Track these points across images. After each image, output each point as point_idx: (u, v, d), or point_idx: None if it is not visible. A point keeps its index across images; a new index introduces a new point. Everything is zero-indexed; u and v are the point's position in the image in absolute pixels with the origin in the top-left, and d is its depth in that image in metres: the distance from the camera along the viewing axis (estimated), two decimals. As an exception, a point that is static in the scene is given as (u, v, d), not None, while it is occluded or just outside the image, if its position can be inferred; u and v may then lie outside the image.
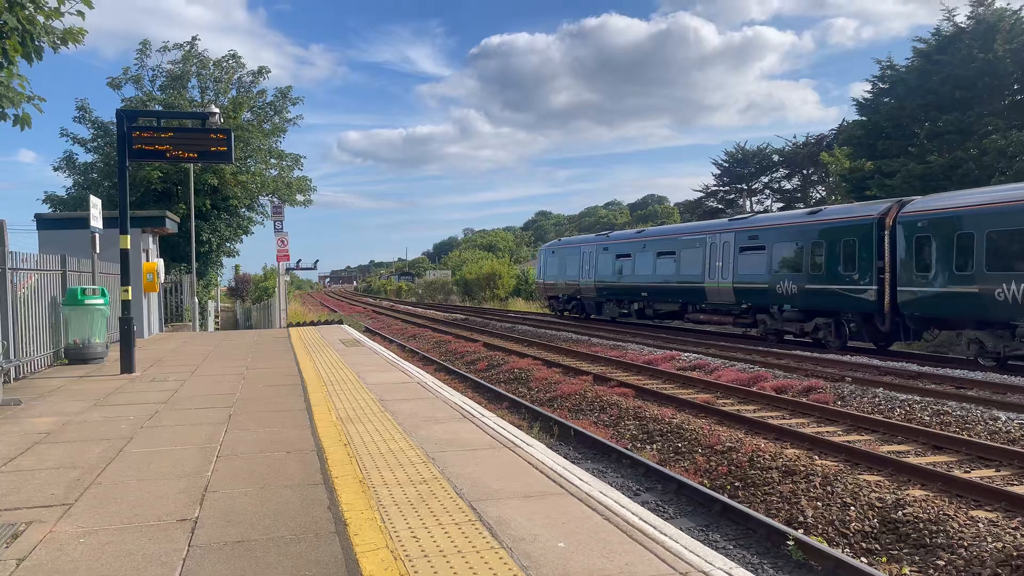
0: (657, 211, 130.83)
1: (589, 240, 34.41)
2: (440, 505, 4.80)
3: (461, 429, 7.17)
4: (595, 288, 32.19)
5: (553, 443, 10.84)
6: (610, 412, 12.78)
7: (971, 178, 33.44)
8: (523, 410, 13.30)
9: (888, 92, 39.26)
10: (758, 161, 68.16)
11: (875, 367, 16.52)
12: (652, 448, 10.61)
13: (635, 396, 13.93)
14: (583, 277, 33.08)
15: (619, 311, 31.16)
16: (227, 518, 4.63)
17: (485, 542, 4.15)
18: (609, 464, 9.87)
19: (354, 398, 8.99)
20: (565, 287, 34.98)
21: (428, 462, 5.88)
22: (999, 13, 35.59)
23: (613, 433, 11.67)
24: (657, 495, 8.46)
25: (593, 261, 32.30)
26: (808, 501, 7.61)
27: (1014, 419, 10.68)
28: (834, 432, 10.94)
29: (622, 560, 3.87)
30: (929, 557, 6.25)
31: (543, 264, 38.04)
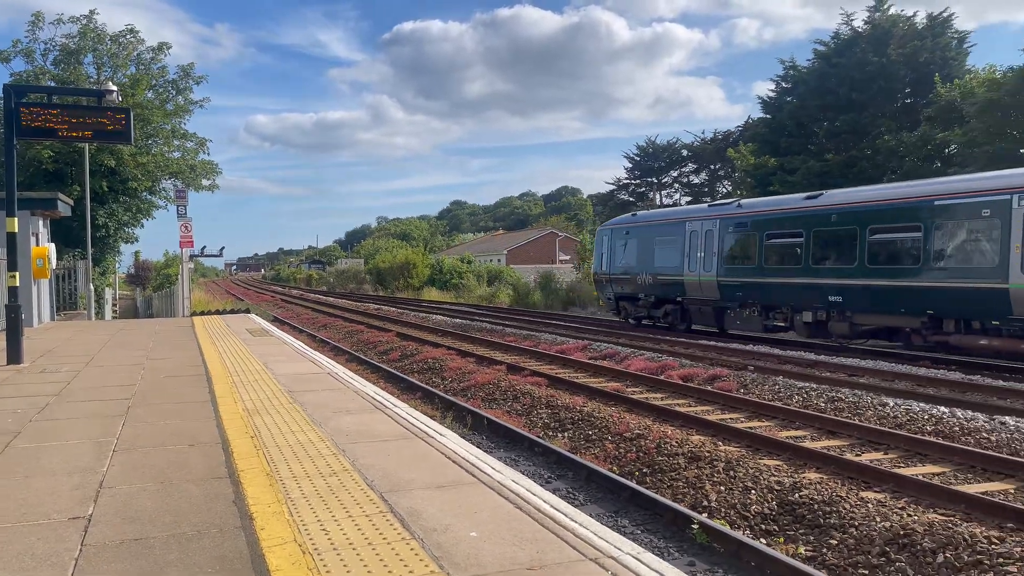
0: (571, 203, 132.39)
1: (699, 213, 23.11)
2: (351, 497, 4.73)
3: (373, 420, 7.07)
4: (718, 285, 21.27)
5: (466, 432, 10.84)
6: (523, 401, 12.88)
7: (865, 176, 35.17)
8: (436, 400, 13.25)
9: (790, 92, 40.87)
10: (668, 156, 69.72)
11: (776, 356, 17.21)
12: (564, 436, 10.75)
13: (548, 385, 14.07)
14: (691, 269, 22.23)
15: (768, 322, 20.08)
16: (124, 515, 4.43)
17: (396, 533, 4.10)
18: (522, 452, 9.95)
19: (261, 389, 8.75)
20: (649, 283, 24.19)
21: (338, 454, 5.78)
22: (893, 19, 37.49)
23: (526, 422, 11.76)
24: (568, 482, 8.58)
25: (713, 243, 21.51)
26: (712, 486, 7.86)
27: (901, 405, 11.32)
28: (737, 419, 11.34)
29: (533, 548, 3.90)
30: (823, 537, 6.56)
31: (607, 250, 26.83)
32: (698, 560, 6.28)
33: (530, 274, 53.05)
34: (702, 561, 6.26)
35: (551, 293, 44.32)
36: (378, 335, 24.55)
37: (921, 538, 5.99)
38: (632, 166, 71.89)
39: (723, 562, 6.20)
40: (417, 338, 22.80)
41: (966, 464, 8.60)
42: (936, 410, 10.87)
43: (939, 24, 36.99)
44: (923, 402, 11.60)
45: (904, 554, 5.91)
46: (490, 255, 78.75)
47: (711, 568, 6.12)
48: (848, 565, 6.03)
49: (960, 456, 8.78)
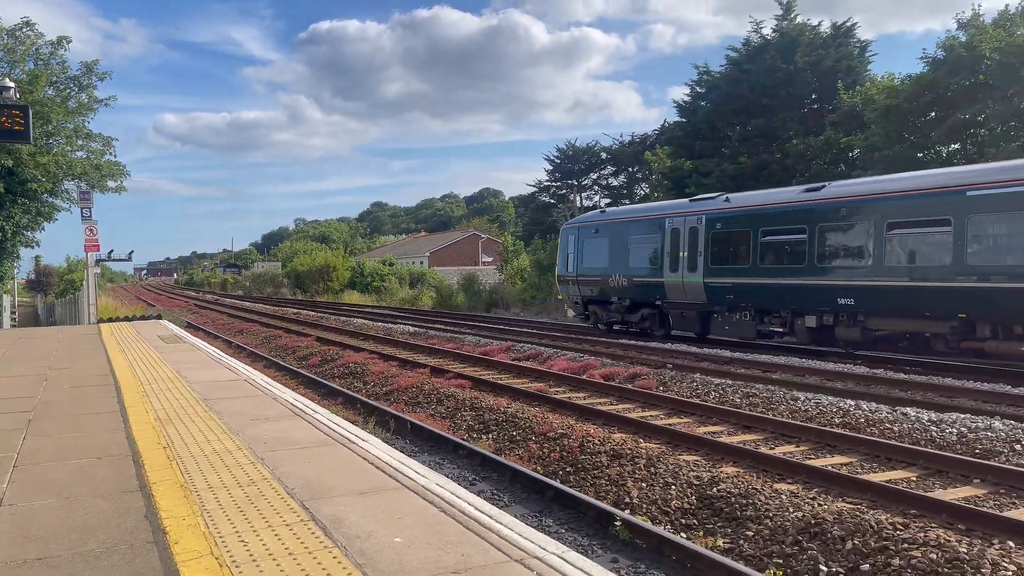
0: (493, 205, 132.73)
1: (680, 209, 21.07)
2: (270, 507, 4.60)
3: (292, 427, 6.92)
4: (705, 288, 19.42)
5: (389, 437, 10.72)
6: (447, 404, 12.82)
7: (775, 179, 36.47)
8: (358, 405, 13.06)
9: (704, 97, 42.06)
10: (587, 158, 70.65)
11: (693, 354, 17.65)
12: (488, 438, 10.76)
13: (472, 387, 14.06)
14: (672, 270, 20.35)
15: (762, 327, 18.31)
16: (25, 533, 4.19)
17: (318, 542, 4.02)
18: (446, 455, 9.90)
19: (175, 398, 8.44)
20: (623, 286, 22.19)
21: (257, 462, 5.62)
22: (800, 28, 39.01)
23: (450, 424, 11.72)
24: (493, 484, 8.58)
25: (699, 242, 19.69)
26: (634, 482, 8.00)
27: (811, 399, 11.77)
28: (657, 416, 11.58)
29: (458, 551, 3.88)
30: (740, 529, 6.76)
31: (574, 250, 24.61)
32: (621, 557, 6.38)
33: (453, 276, 52.95)
34: (625, 558, 6.36)
35: (474, 295, 44.34)
36: (297, 340, 24.04)
37: (831, 526, 6.24)
38: (553, 168, 72.55)
39: (645, 557, 6.31)
40: (338, 342, 22.43)
41: (871, 454, 9.00)
42: (843, 403, 11.34)
43: (842, 33, 38.70)
44: (831, 396, 12.09)
45: (815, 542, 6.14)
46: (412, 257, 78.21)
47: (633, 564, 6.22)
48: (763, 555, 6.23)
49: (866, 447, 9.19)
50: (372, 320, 32.60)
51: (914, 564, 5.49)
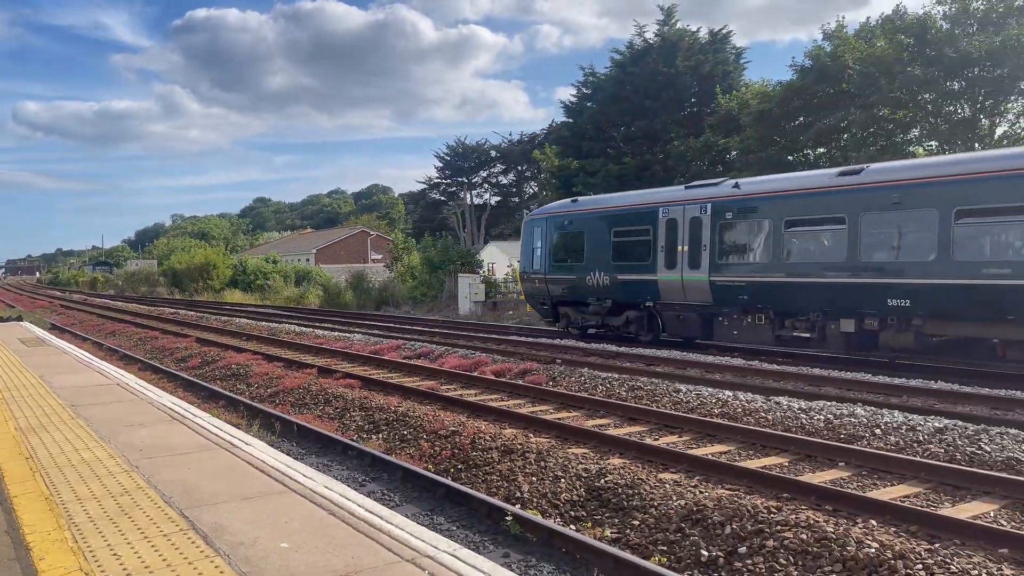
0: (383, 201, 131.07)
1: (678, 196, 18.42)
2: (146, 517, 4.38)
3: (170, 432, 6.60)
4: (711, 287, 16.97)
5: (275, 440, 10.40)
6: (335, 404, 12.57)
7: (658, 178, 37.71)
8: (242, 408, 12.61)
9: (590, 98, 43.01)
10: (477, 156, 70.82)
11: (581, 349, 18.02)
12: (378, 437, 10.62)
13: (361, 387, 13.84)
14: (668, 266, 17.99)
15: (783, 331, 15.91)
16: None
17: (199, 551, 3.85)
18: (335, 457, 9.70)
19: (39, 405, 7.89)
20: (605, 285, 19.79)
21: (131, 471, 5.33)
22: (680, 33, 40.47)
23: (339, 425, 11.49)
24: (384, 484, 8.48)
25: (703, 234, 17.23)
26: (525, 477, 8.09)
27: (692, 391, 12.25)
28: (547, 410, 11.75)
29: (348, 554, 3.81)
30: (627, 519, 6.95)
31: (542, 244, 22.10)
32: (512, 551, 6.44)
33: (341, 274, 51.95)
34: (516, 552, 6.42)
35: (363, 293, 43.66)
36: (175, 341, 22.96)
37: (712, 512, 6.51)
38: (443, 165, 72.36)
39: (536, 551, 6.40)
40: (219, 343, 21.57)
41: (748, 442, 9.46)
42: (722, 394, 11.86)
43: (719, 40, 40.44)
44: (711, 387, 12.62)
45: (697, 528, 6.40)
46: (298, 254, 76.17)
47: (524, 558, 6.29)
48: (649, 543, 6.43)
49: (743, 435, 9.65)
50: (256, 320, 31.54)
51: (787, 545, 5.80)
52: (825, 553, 5.59)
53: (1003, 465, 8.01)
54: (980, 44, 25.30)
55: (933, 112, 28.49)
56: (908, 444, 8.94)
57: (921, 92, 27.59)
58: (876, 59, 27.20)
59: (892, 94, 27.36)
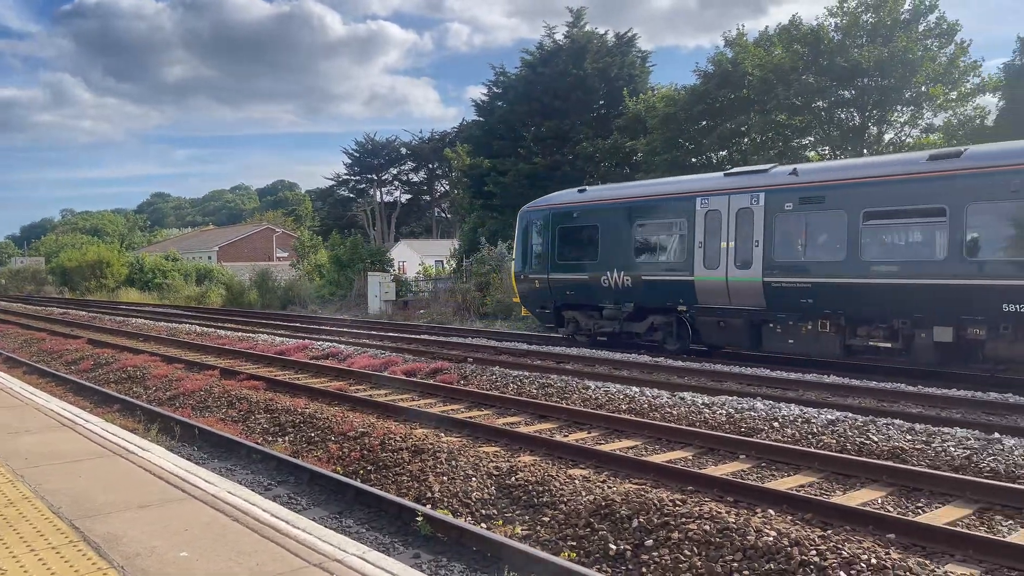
0: (289, 198, 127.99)
1: (722, 185, 15.97)
2: (33, 529, 4.12)
3: (60, 439, 6.25)
4: (764, 288, 14.79)
5: (175, 445, 10.00)
6: (239, 407, 12.19)
7: (568, 179, 38.19)
8: (139, 412, 12.06)
9: (501, 97, 43.19)
10: (387, 153, 70.06)
11: (492, 348, 18.07)
12: (285, 440, 10.36)
13: (266, 388, 13.47)
14: (709, 265, 15.73)
15: (855, 340, 13.91)
16: None
17: (91, 564, 3.66)
18: (239, 461, 9.40)
19: (-90, 413, 7.33)
20: (625, 287, 17.35)
21: (16, 481, 5.02)
22: (588, 35, 41.12)
23: (243, 428, 11.14)
24: (290, 488, 8.28)
25: (754, 228, 15.01)
26: (435, 477, 8.04)
27: (601, 387, 12.47)
28: (459, 409, 11.73)
29: (252, 561, 3.69)
30: (537, 515, 7.01)
31: (542, 241, 19.57)
32: (423, 552, 6.39)
33: (245, 272, 50.43)
34: (427, 552, 6.38)
35: (269, 292, 42.55)
36: (65, 343, 21.77)
37: (619, 507, 6.64)
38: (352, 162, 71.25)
39: (447, 550, 6.37)
40: (114, 344, 20.58)
41: (655, 437, 9.69)
42: (629, 390, 12.12)
43: (625, 43, 41.29)
44: (619, 384, 12.88)
45: (606, 523, 6.51)
46: (199, 252, 73.51)
47: (435, 558, 6.25)
48: (559, 539, 6.50)
49: (650, 430, 9.88)
50: (154, 320, 30.26)
51: (691, 536, 5.98)
52: (727, 543, 5.78)
53: (889, 454, 8.48)
54: (869, 55, 26.73)
55: (826, 119, 29.92)
56: (804, 436, 9.35)
57: (815, 99, 28.94)
58: (774, 67, 28.35)
59: (788, 100, 28.59)
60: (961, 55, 27.92)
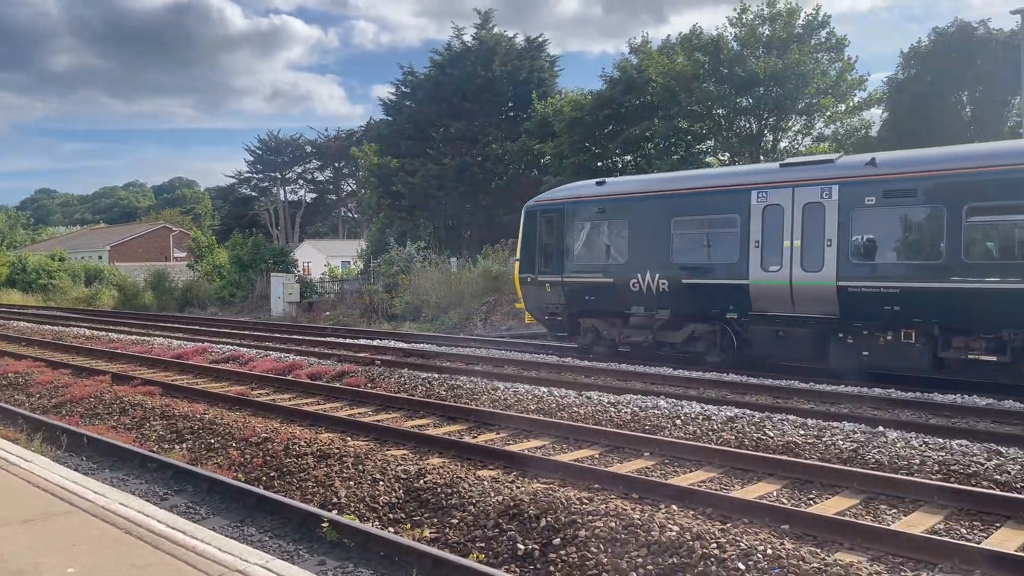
0: (187, 196, 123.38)
1: (783, 175, 14.29)
2: (-103, 550, 3.81)
3: (-70, 451, 5.81)
4: (839, 293, 13.14)
5: (61, 455, 9.46)
6: (133, 414, 11.64)
7: (476, 180, 38.30)
8: (20, 420, 11.35)
9: (409, 97, 42.90)
10: (292, 151, 68.52)
11: (401, 350, 17.90)
12: (182, 447, 9.95)
13: (162, 394, 12.91)
14: (768, 266, 13.93)
15: (949, 352, 12.36)
16: None
17: (-34, 586, 3.41)
18: (132, 471, 8.98)
19: None
20: (661, 291, 15.35)
21: None
22: (497, 38, 41.33)
23: (137, 436, 10.64)
24: (188, 497, 7.96)
25: (826, 224, 13.31)
26: (342, 482, 7.89)
27: (510, 388, 12.52)
28: (366, 412, 11.56)
29: (146, 574, 3.52)
30: (446, 518, 6.97)
31: (558, 240, 17.21)
32: (328, 558, 6.26)
33: (139, 273, 48.32)
34: (332, 559, 6.25)
35: (165, 294, 40.92)
36: (-62, 348, 20.28)
37: (528, 506, 6.68)
38: (254, 159, 69.32)
39: (353, 556, 6.26)
40: (-6, 349, 19.31)
41: (563, 436, 9.80)
42: (538, 390, 12.22)
43: (535, 47, 41.72)
44: (528, 384, 12.97)
45: (514, 523, 6.54)
46: (89, 251, 69.88)
47: (341, 564, 6.13)
48: (468, 541, 6.49)
49: (557, 430, 9.99)
50: (38, 323, 28.57)
51: (597, 533, 6.07)
52: (632, 539, 5.90)
53: (783, 448, 8.85)
54: (765, 66, 27.89)
55: (725, 126, 31.05)
56: (704, 432, 9.66)
57: (715, 107, 29.99)
58: (676, 74, 29.22)
59: (690, 107, 29.51)
60: (849, 69, 29.54)
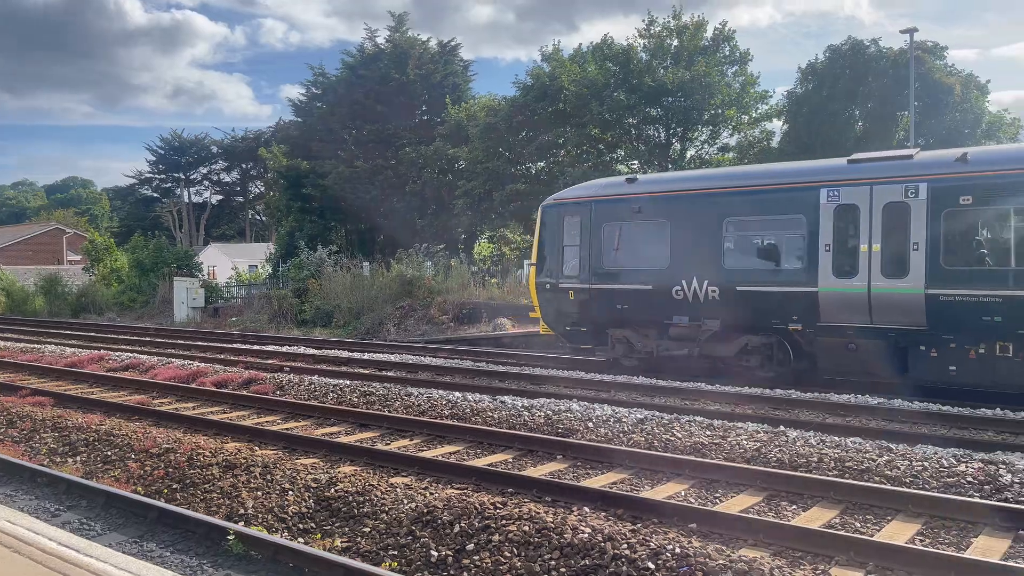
0: (82, 196, 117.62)
1: (855, 172, 13.00)
2: None
3: None
4: (927, 303, 12.01)
5: (-61, 471, 8.83)
6: (21, 426, 10.97)
7: (389, 183, 37.90)
8: None
9: (320, 98, 42.16)
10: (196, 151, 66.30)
11: (311, 356, 17.52)
12: (76, 460, 9.44)
13: (55, 404, 12.24)
14: (840, 273, 12.82)
15: None
16: None
17: None
18: (20, 486, 8.46)
19: None
20: (710, 300, 13.98)
21: None
22: (411, 41, 41.09)
23: (25, 449, 10.04)
24: (82, 512, 7.55)
25: (911, 226, 12.21)
26: (249, 492, 7.66)
27: (424, 394, 12.43)
28: (274, 421, 11.25)
29: (36, 597, 3.32)
30: (358, 526, 6.85)
31: (582, 242, 15.69)
32: (234, 572, 6.06)
33: (29, 277, 45.72)
34: (239, 572, 6.05)
35: (57, 299, 38.83)
36: None
37: (441, 512, 6.64)
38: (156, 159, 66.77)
39: (261, 569, 6.08)
40: None
41: (476, 441, 9.79)
42: (452, 395, 12.18)
43: (448, 51, 41.68)
44: (442, 389, 12.91)
45: (428, 530, 6.48)
46: (-27, 254, 65.60)
47: (249, 578, 5.95)
48: (380, 549, 6.39)
49: (472, 435, 9.97)
50: (-85, 330, 26.64)
51: (511, 538, 6.09)
52: (545, 542, 5.95)
53: (691, 449, 9.10)
54: (673, 77, 28.69)
55: (635, 135, 31.78)
56: (616, 435, 9.82)
57: (625, 116, 30.65)
58: (588, 82, 29.72)
59: (601, 116, 30.06)
60: (752, 83, 30.73)
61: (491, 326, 22.91)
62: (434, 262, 29.96)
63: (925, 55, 27.64)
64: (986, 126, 27.90)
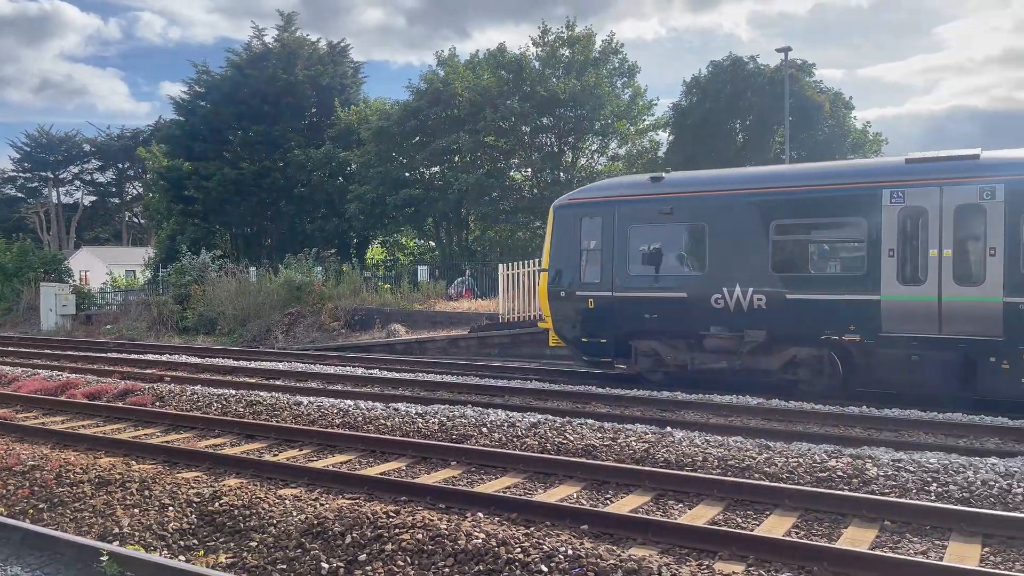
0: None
1: (918, 172, 12.19)
2: None
3: None
4: (1005, 312, 11.38)
5: None
6: None
7: (277, 186, 36.91)
8: None
9: (204, 96, 40.52)
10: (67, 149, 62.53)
11: (193, 365, 16.80)
12: (-74, 482, 8.68)
13: (-99, 421, 11.21)
14: (907, 280, 12.11)
15: None
16: None
17: None
18: None
19: None
20: (752, 309, 13.08)
21: None
22: (300, 41, 40.18)
23: None
24: (-67, 539, 6.95)
25: (989, 229, 11.52)
26: (124, 510, 7.25)
27: (313, 402, 12.12)
28: (153, 434, 10.71)
29: None
30: (244, 541, 6.60)
31: (600, 248, 14.51)
32: (109, 595, 5.72)
33: None
34: (114, 595, 5.71)
35: (-95, 306, 35.55)
36: None
37: (332, 523, 6.48)
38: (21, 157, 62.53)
39: (138, 591, 5.76)
40: None
41: (369, 450, 9.63)
42: (343, 403, 11.93)
43: (338, 52, 40.98)
44: (333, 398, 12.62)
45: (318, 541, 6.32)
46: None
47: (125, 600, 5.62)
48: (268, 563, 6.19)
49: (364, 443, 9.79)
50: None
51: (404, 546, 6.01)
52: (439, 549, 5.91)
53: (583, 452, 9.26)
54: (565, 86, 29.24)
55: (529, 143, 32.18)
56: (510, 439, 9.88)
57: (519, 124, 31.00)
58: (482, 89, 29.89)
59: (496, 123, 30.29)
60: (640, 95, 31.72)
61: (384, 332, 22.63)
62: (325, 267, 29.31)
63: (797, 72, 29.30)
64: (852, 141, 29.86)
